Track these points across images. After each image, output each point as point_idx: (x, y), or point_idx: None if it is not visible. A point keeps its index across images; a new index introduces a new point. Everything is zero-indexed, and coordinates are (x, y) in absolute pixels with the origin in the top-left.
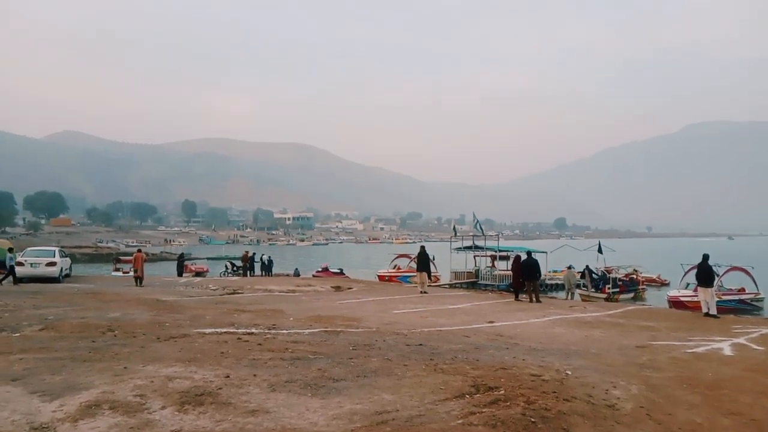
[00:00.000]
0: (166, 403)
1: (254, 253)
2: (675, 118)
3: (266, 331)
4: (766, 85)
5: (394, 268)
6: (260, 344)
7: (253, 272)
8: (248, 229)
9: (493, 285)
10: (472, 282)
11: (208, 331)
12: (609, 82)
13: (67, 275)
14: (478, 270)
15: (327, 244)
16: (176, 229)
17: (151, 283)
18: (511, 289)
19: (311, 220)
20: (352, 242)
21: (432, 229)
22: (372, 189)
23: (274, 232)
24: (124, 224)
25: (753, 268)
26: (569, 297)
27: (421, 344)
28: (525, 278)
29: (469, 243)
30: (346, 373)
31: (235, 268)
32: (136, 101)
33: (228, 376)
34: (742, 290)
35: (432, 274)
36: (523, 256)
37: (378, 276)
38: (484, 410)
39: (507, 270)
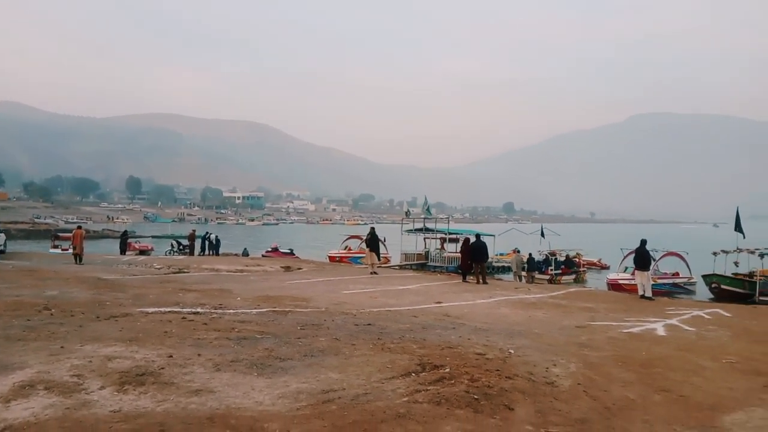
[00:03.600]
0: (104, 383)
1: (207, 233)
2: (622, 108)
3: (212, 311)
4: (708, 80)
5: (345, 249)
6: (206, 324)
7: (204, 252)
8: (196, 208)
9: (442, 267)
10: (421, 263)
11: (151, 310)
12: (561, 71)
13: (2, 252)
14: (428, 252)
15: (277, 224)
16: (120, 206)
17: (92, 261)
18: (460, 271)
19: (262, 199)
20: (304, 223)
21: (384, 210)
22: (325, 170)
23: (223, 211)
24: (64, 200)
25: (687, 253)
26: (518, 279)
27: (369, 324)
28: (473, 260)
29: (419, 225)
30: (293, 352)
31: (181, 247)
32: (82, 73)
33: (171, 356)
34: (676, 274)
35: (382, 255)
36: (472, 239)
37: (329, 257)
38: (429, 388)
39: (456, 252)
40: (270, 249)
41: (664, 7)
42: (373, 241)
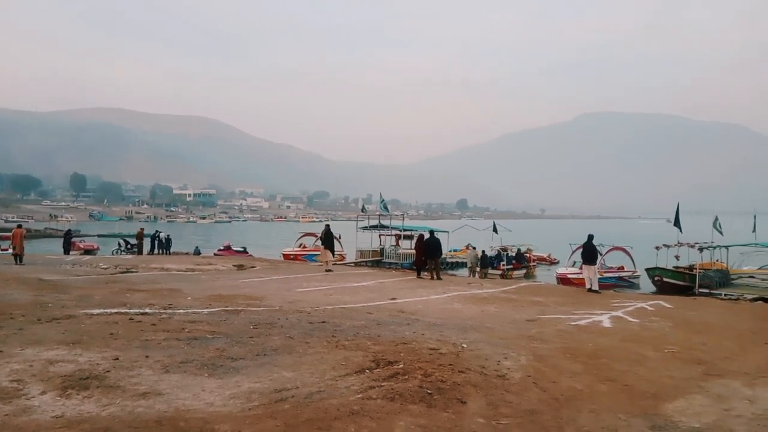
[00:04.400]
0: (46, 388)
1: (157, 232)
2: (570, 108)
3: (161, 311)
4: (651, 80)
5: (299, 246)
6: (154, 324)
7: (153, 251)
8: (144, 206)
9: (397, 263)
10: (377, 260)
11: (96, 311)
12: (512, 71)
13: None
14: (383, 248)
15: (230, 222)
16: (63, 204)
17: (33, 262)
18: (414, 267)
19: (214, 197)
20: (257, 220)
21: (339, 208)
22: (279, 166)
23: (173, 209)
24: (3, 198)
25: (632, 248)
26: (473, 275)
27: (324, 321)
28: (427, 256)
29: (375, 222)
30: (245, 352)
31: (129, 246)
32: (21, 65)
33: (117, 358)
34: (621, 268)
35: (337, 252)
36: (426, 236)
37: (283, 255)
38: (383, 384)
39: (411, 249)
40: (222, 247)
41: (608, 10)
42: (328, 239)
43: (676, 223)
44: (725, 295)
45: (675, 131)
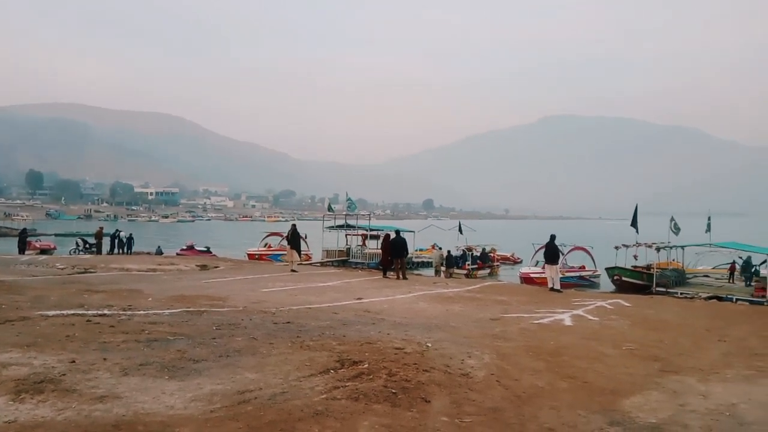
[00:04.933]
0: None
1: (117, 231)
2: (533, 110)
3: (120, 312)
4: (613, 85)
5: (264, 246)
6: (113, 326)
7: (113, 250)
8: (104, 204)
9: (363, 263)
10: (343, 260)
11: (52, 313)
12: (478, 73)
13: None
14: (350, 248)
15: (193, 221)
16: (19, 201)
17: None
18: (380, 267)
19: (176, 195)
20: (221, 220)
21: (306, 207)
22: (244, 165)
23: (134, 207)
24: None
25: (592, 247)
26: (438, 275)
27: (288, 322)
28: (393, 256)
29: (341, 222)
30: (207, 353)
31: (87, 246)
32: None
33: (74, 361)
34: (582, 267)
35: (303, 252)
36: (392, 235)
37: (248, 254)
38: (347, 384)
39: (377, 248)
40: (185, 247)
41: (571, 16)
42: (294, 239)
43: (634, 223)
44: (681, 293)
45: (635, 135)
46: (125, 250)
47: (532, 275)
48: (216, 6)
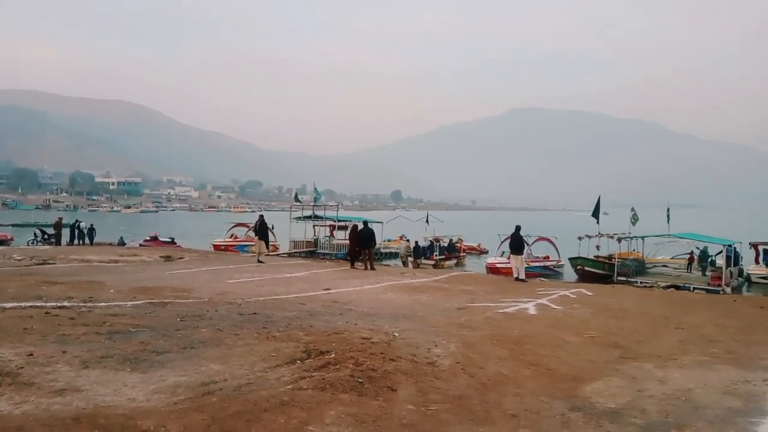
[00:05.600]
0: None
1: (77, 221)
2: (500, 102)
3: (81, 305)
4: (576, 78)
5: (231, 237)
6: (73, 318)
7: (73, 241)
8: (64, 194)
9: (331, 254)
10: (311, 251)
11: (9, 305)
12: (446, 65)
13: None
14: (317, 239)
15: (157, 211)
16: None
17: None
18: (348, 258)
19: (139, 185)
20: (186, 210)
21: (273, 198)
22: (209, 155)
23: (95, 197)
24: None
25: (556, 238)
26: (406, 266)
27: (255, 313)
28: (361, 247)
29: (309, 213)
30: (171, 345)
31: (46, 237)
32: None
33: (32, 354)
34: (546, 257)
35: (270, 243)
36: (360, 226)
37: (213, 245)
38: (314, 374)
39: (345, 239)
40: (149, 238)
41: (539, 11)
42: (262, 230)
43: (595, 214)
44: (641, 282)
45: (598, 128)
46: (86, 241)
47: (497, 265)
48: None
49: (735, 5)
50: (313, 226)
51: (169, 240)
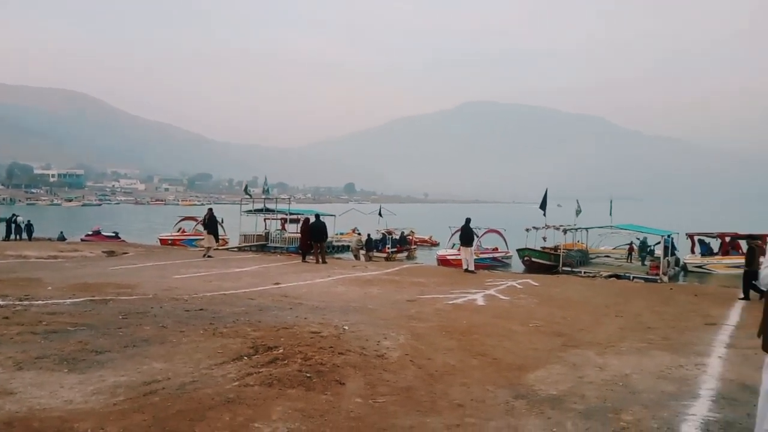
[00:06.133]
0: None
1: (14, 216)
2: (453, 96)
3: (16, 303)
4: (527, 73)
5: (178, 231)
6: (7, 318)
7: (10, 236)
8: (0, 187)
9: (282, 247)
10: (261, 245)
11: None
12: (401, 59)
13: None
14: (268, 233)
15: (101, 205)
16: None
17: None
18: (300, 251)
19: (81, 178)
20: (132, 203)
21: (223, 191)
22: (157, 146)
23: (34, 190)
24: None
25: (505, 230)
26: (357, 259)
27: (201, 309)
28: (313, 240)
29: (260, 206)
30: (112, 344)
31: None
32: None
33: None
34: (495, 249)
35: (220, 237)
36: (312, 219)
37: (160, 240)
38: (261, 370)
39: (296, 232)
40: (91, 232)
41: (490, 6)
42: (211, 223)
43: (543, 207)
44: (584, 272)
45: (548, 123)
46: (23, 236)
47: (448, 257)
48: None
49: (686, 9)
50: (264, 219)
51: (113, 234)
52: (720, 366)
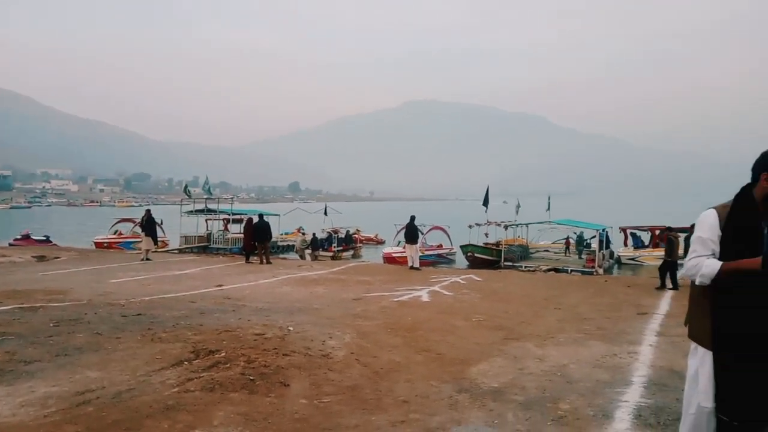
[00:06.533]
0: None
1: None
2: (397, 94)
3: None
4: (468, 72)
5: (115, 233)
6: None
7: None
8: None
9: (225, 248)
10: (203, 246)
11: None
12: (346, 57)
13: None
14: (210, 234)
15: (30, 207)
16: None
17: None
18: (243, 252)
19: (9, 179)
20: (64, 205)
21: (162, 191)
22: (91, 145)
23: None
24: None
25: (449, 227)
26: (304, 258)
27: (139, 314)
28: (256, 240)
29: (201, 206)
30: (42, 353)
31: None
32: None
33: None
34: (440, 246)
35: (159, 239)
36: (255, 219)
37: (95, 243)
38: (202, 375)
39: (240, 233)
40: (20, 236)
41: (431, 6)
42: (149, 225)
43: (485, 203)
44: (525, 267)
45: (489, 121)
46: None
47: (394, 255)
48: None
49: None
50: (206, 220)
51: (44, 238)
52: (651, 353)
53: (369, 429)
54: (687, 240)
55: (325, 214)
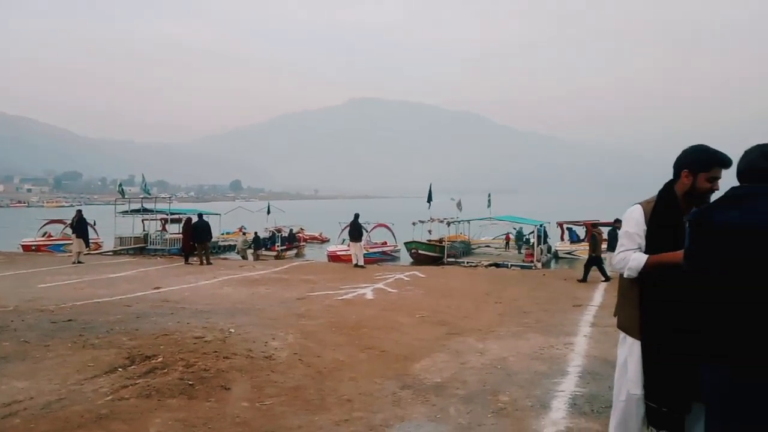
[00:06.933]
0: None
1: None
2: (341, 91)
3: None
4: (411, 70)
5: (43, 235)
6: None
7: None
8: None
9: (163, 249)
10: (140, 247)
11: None
12: (290, 53)
13: None
14: (147, 234)
15: None
16: None
17: None
18: (182, 253)
19: None
20: None
21: (95, 190)
22: (16, 143)
23: None
24: None
25: (393, 224)
26: (246, 259)
27: (70, 320)
28: (196, 241)
29: (137, 206)
30: None
31: None
32: None
33: None
34: (384, 243)
35: (92, 240)
36: (195, 219)
37: (22, 246)
38: (138, 381)
39: (178, 233)
40: None
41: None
42: (80, 226)
43: (429, 200)
44: (467, 262)
45: (432, 119)
46: None
47: (338, 253)
48: None
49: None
50: (143, 220)
51: None
52: (585, 344)
53: (312, 429)
54: (611, 234)
55: (268, 212)
